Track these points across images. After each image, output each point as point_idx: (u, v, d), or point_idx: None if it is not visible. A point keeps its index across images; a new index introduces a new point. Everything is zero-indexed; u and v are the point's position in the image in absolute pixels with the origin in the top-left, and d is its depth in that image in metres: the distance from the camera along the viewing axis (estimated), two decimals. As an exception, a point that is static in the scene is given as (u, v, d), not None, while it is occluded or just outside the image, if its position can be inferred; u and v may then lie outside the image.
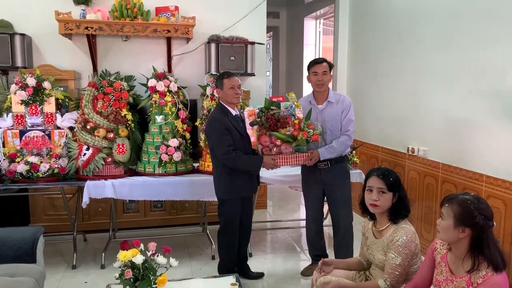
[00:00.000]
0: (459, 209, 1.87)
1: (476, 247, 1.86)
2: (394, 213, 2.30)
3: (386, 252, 2.25)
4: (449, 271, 1.98)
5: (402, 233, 2.22)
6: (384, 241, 2.29)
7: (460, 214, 1.86)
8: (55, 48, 4.38)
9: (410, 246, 2.20)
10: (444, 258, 2.02)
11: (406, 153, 4.09)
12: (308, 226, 3.61)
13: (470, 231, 1.86)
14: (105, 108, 3.59)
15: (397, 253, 2.20)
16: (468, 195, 1.94)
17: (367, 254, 2.43)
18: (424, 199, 3.82)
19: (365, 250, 2.46)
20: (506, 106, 2.93)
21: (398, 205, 2.30)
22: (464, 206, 1.87)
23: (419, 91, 3.89)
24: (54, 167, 3.48)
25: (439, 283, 2.01)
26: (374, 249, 2.36)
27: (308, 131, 3.20)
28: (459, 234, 1.87)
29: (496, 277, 1.81)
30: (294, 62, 7.60)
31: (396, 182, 2.31)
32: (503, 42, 2.94)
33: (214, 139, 3.15)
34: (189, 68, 4.67)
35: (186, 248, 4.12)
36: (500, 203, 2.96)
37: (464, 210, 1.86)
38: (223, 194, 3.26)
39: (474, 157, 3.23)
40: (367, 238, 2.44)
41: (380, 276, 2.31)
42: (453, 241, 1.92)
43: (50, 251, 3.93)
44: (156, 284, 2.21)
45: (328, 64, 3.36)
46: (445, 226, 1.91)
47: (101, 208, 4.40)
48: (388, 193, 2.29)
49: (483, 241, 1.85)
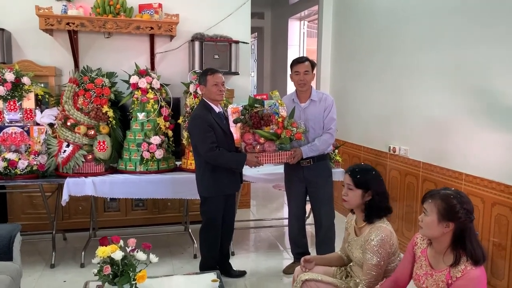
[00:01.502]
0: (442, 204, 1.88)
1: (458, 241, 1.88)
2: (367, 212, 2.30)
3: (364, 251, 2.26)
4: (428, 265, 1.99)
5: (377, 233, 2.21)
6: (362, 240, 2.29)
7: (444, 209, 1.87)
8: (35, 43, 4.29)
9: (385, 246, 2.19)
10: (424, 252, 2.03)
11: (388, 152, 4.13)
12: (290, 224, 3.62)
13: (453, 225, 1.87)
14: (86, 105, 3.54)
15: (372, 253, 2.19)
16: (450, 190, 1.95)
17: (347, 250, 2.44)
18: (405, 198, 3.86)
19: (346, 246, 2.46)
20: (486, 106, 2.97)
21: (371, 204, 2.28)
22: (447, 201, 1.88)
23: (400, 91, 3.93)
24: (32, 164, 3.41)
25: (418, 277, 2.02)
26: (353, 246, 2.37)
27: (292, 129, 3.21)
28: (443, 229, 1.88)
29: (474, 271, 1.82)
30: (278, 63, 7.62)
31: (365, 180, 2.28)
32: (483, 43, 2.98)
33: (196, 136, 3.13)
34: (173, 66, 4.63)
35: (168, 247, 4.08)
36: (478, 201, 3.01)
37: (447, 205, 1.87)
38: (205, 191, 3.23)
39: (454, 156, 3.27)
40: (349, 234, 2.44)
41: (359, 272, 2.32)
42: (437, 236, 1.92)
43: (28, 250, 3.85)
44: (135, 281, 2.18)
45: (311, 63, 3.36)
46: (429, 221, 1.91)
47: (82, 207, 4.33)
48: (355, 189, 2.29)
49: (466, 234, 1.86)
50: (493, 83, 2.90)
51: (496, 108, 2.88)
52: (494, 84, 2.89)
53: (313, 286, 2.29)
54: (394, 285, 2.14)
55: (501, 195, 2.86)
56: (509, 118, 2.77)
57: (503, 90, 2.79)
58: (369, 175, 2.32)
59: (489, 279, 2.89)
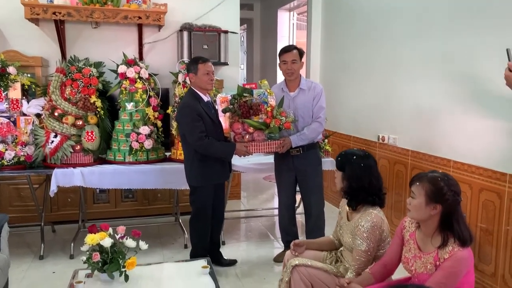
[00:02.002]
0: (430, 186, 1.90)
1: (446, 223, 1.90)
2: (346, 196, 2.35)
3: (354, 236, 2.27)
4: (417, 248, 2.01)
5: (367, 219, 2.22)
6: (352, 225, 2.30)
7: (432, 191, 1.89)
8: (21, 33, 4.22)
9: (375, 232, 2.20)
10: (413, 235, 2.05)
11: (377, 141, 4.15)
12: (281, 214, 3.63)
13: (441, 207, 1.89)
14: (73, 95, 3.50)
15: (362, 239, 2.20)
16: (437, 172, 1.97)
17: (339, 233, 2.45)
18: (394, 187, 3.89)
19: (338, 229, 2.48)
20: (472, 94, 3.00)
21: (347, 188, 2.31)
22: (434, 183, 1.90)
23: (389, 80, 3.95)
24: (20, 155, 3.37)
25: (407, 260, 2.04)
26: (344, 231, 2.38)
27: (281, 118, 3.22)
28: (430, 211, 1.90)
29: (462, 252, 1.85)
30: (268, 55, 7.60)
31: (342, 162, 2.32)
32: (469, 32, 3.01)
33: (185, 125, 3.11)
34: (161, 57, 4.60)
35: (158, 238, 4.07)
36: (466, 187, 3.04)
37: (435, 187, 1.89)
38: (194, 181, 3.22)
39: (442, 144, 3.30)
40: (342, 218, 2.45)
41: (349, 257, 2.33)
42: (425, 219, 1.94)
43: (16, 242, 3.82)
44: (125, 268, 2.17)
45: (299, 51, 3.35)
46: (417, 204, 1.93)
47: (70, 199, 4.30)
48: (337, 172, 2.36)
49: (453, 216, 1.89)
50: (479, 71, 2.93)
51: (483, 95, 2.91)
52: (481, 72, 2.92)
53: (303, 271, 2.30)
54: (383, 269, 2.16)
55: (488, 181, 2.89)
56: (495, 105, 2.80)
57: (489, 78, 2.82)
58: (348, 158, 2.32)
59: (476, 264, 2.93)
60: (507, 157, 2.75)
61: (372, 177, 2.29)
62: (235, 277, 3.35)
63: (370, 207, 2.28)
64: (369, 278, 2.14)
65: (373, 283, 2.12)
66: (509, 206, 2.74)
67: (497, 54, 2.61)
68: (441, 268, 1.86)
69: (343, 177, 2.32)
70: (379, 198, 2.30)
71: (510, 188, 2.74)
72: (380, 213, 2.28)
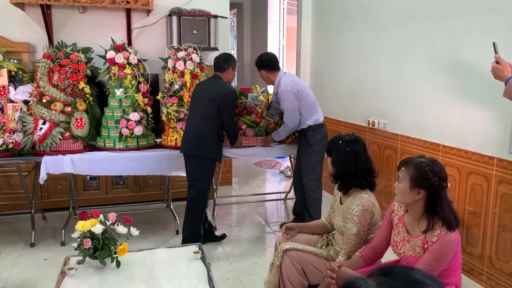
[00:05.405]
0: (414, 171, 1.92)
1: (431, 208, 1.92)
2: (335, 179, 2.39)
3: (344, 220, 2.29)
4: (406, 231, 2.04)
5: (358, 203, 2.25)
6: (344, 208, 2.33)
7: (416, 176, 1.91)
8: (6, 18, 4.14)
9: (365, 216, 2.23)
10: (401, 219, 2.08)
11: (367, 126, 4.17)
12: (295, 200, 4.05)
13: (425, 192, 1.92)
14: (61, 81, 3.45)
15: (353, 222, 2.23)
16: (424, 158, 1.99)
17: (332, 216, 2.48)
18: (384, 172, 3.92)
19: (331, 212, 2.51)
20: (461, 78, 3.02)
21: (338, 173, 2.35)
22: (419, 169, 1.92)
23: (378, 65, 3.95)
24: (8, 142, 3.33)
25: (396, 244, 2.07)
26: (336, 214, 2.41)
27: (269, 120, 3.92)
28: (414, 196, 1.93)
29: (449, 235, 1.87)
30: (258, 40, 7.56)
31: (329, 146, 2.40)
32: (458, 16, 3.01)
33: (230, 108, 3.42)
34: (150, 42, 4.55)
35: (150, 224, 4.08)
36: (455, 171, 3.08)
37: (419, 172, 1.91)
38: (216, 154, 3.41)
39: (431, 128, 3.32)
40: (335, 201, 2.48)
41: (340, 240, 2.36)
42: (410, 203, 1.97)
43: (6, 231, 3.81)
44: (116, 254, 2.18)
45: (256, 65, 3.78)
46: (401, 188, 1.96)
47: (61, 186, 4.28)
48: (328, 157, 2.42)
49: (438, 201, 1.91)
50: (468, 56, 2.94)
51: (472, 80, 2.93)
52: (470, 56, 2.93)
53: (294, 255, 2.32)
54: (372, 252, 2.19)
55: (475, 164, 2.93)
56: (484, 90, 2.82)
57: (478, 63, 2.83)
58: (335, 143, 2.38)
59: (464, 246, 2.99)
60: (494, 141, 2.78)
61: (359, 161, 2.31)
62: (226, 261, 3.38)
63: (362, 191, 2.30)
64: (359, 261, 2.17)
65: (362, 266, 2.15)
66: (496, 189, 2.78)
67: (485, 41, 2.62)
68: (429, 250, 1.89)
69: (331, 162, 2.36)
70: (367, 181, 2.32)
71: (497, 172, 2.77)
72: (372, 197, 2.30)
